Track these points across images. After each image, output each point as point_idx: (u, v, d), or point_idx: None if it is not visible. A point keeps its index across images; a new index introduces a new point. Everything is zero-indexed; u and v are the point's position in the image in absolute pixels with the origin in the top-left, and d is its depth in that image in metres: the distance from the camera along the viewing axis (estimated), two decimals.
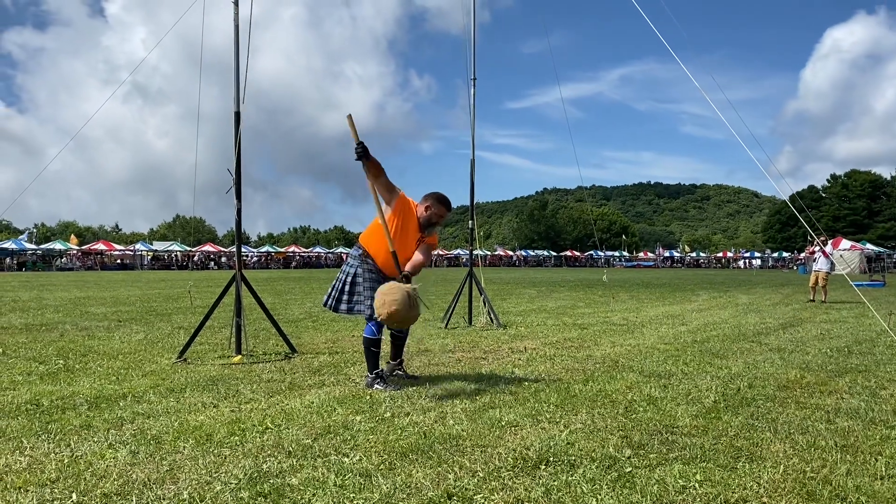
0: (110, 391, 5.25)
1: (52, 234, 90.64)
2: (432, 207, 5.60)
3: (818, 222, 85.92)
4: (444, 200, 5.65)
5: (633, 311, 13.36)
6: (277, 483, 3.19)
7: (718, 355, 7.32)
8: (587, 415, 4.51)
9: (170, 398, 5.02)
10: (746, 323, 11.08)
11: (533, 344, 8.19)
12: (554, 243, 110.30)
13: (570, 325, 10.47)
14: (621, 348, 7.84)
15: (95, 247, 66.78)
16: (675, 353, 7.48)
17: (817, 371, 6.35)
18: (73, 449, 3.71)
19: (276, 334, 7.66)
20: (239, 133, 7.08)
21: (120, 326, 10.09)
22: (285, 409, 4.65)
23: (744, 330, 9.95)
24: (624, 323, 10.95)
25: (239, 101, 7.13)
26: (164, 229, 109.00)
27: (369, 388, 5.36)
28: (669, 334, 9.32)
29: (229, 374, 6.06)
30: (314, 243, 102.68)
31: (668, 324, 10.87)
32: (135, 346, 7.84)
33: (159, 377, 5.87)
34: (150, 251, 70.97)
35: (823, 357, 7.27)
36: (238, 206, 7.14)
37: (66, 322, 10.70)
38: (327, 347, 7.81)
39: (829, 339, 8.94)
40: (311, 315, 12.06)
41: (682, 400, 5.00)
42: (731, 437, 3.99)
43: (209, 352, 7.40)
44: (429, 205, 5.60)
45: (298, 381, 5.70)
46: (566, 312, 13.02)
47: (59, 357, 7.01)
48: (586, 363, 6.72)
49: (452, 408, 4.70)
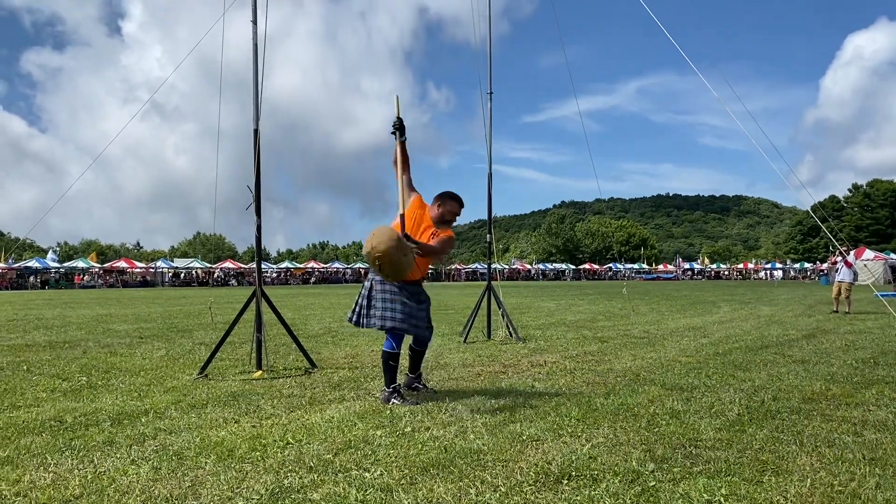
0: (132, 407, 5.29)
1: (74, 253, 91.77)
2: (445, 205, 5.64)
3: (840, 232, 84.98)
4: (455, 197, 5.72)
5: (654, 324, 13.25)
6: (299, 498, 3.19)
7: (741, 367, 7.23)
8: (609, 429, 4.47)
9: (191, 414, 5.04)
10: (769, 335, 10.95)
11: (553, 357, 8.14)
12: (572, 256, 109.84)
13: (591, 339, 10.40)
14: (643, 361, 7.77)
15: (117, 265, 67.52)
16: (697, 365, 7.40)
17: (843, 383, 6.25)
18: (96, 465, 3.74)
19: (297, 350, 7.68)
20: (258, 150, 7.14)
21: (142, 343, 10.17)
22: (306, 425, 4.65)
23: (766, 342, 9.83)
24: (645, 336, 10.87)
25: (258, 118, 7.20)
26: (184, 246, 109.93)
27: (386, 403, 5.36)
28: (691, 347, 9.23)
29: (250, 389, 6.08)
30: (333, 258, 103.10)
31: (690, 336, 10.77)
32: (156, 363, 7.90)
33: (181, 393, 5.91)
34: (171, 268, 71.62)
35: (849, 368, 7.16)
36: (258, 223, 7.19)
37: (89, 339, 10.80)
38: (347, 362, 7.82)
39: (854, 350, 8.81)
40: (330, 330, 12.09)
41: (705, 413, 4.95)
42: (756, 451, 3.93)
43: (230, 367, 7.44)
44: (440, 203, 5.66)
45: (319, 397, 5.71)
46: (586, 326, 12.95)
47: (81, 374, 7.07)
48: (607, 376, 6.66)
49: (473, 422, 4.68)
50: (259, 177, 7.16)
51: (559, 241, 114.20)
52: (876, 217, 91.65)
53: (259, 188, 7.17)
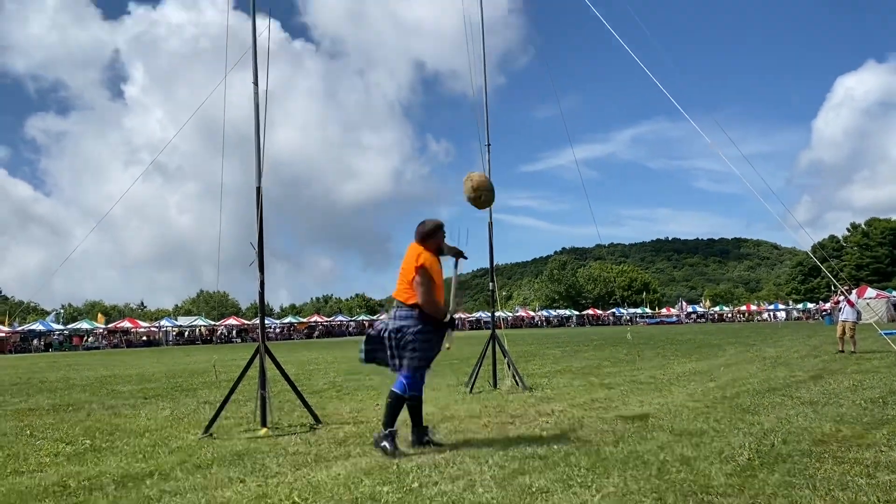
0: (137, 469, 5.24)
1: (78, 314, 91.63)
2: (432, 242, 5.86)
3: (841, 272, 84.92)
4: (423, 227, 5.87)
5: (660, 369, 13.17)
6: None
7: (749, 411, 7.17)
8: (619, 478, 4.42)
9: (197, 475, 5.00)
10: (776, 376, 10.88)
11: (560, 406, 8.08)
12: (575, 302, 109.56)
13: (597, 385, 10.33)
14: (650, 407, 7.71)
15: (121, 325, 67.40)
16: (705, 410, 7.34)
17: (853, 424, 6.19)
18: None
19: (301, 405, 7.63)
20: (261, 208, 7.22)
21: (146, 403, 10.10)
22: (312, 483, 4.61)
23: (773, 384, 9.76)
24: (651, 381, 10.79)
25: (260, 176, 7.30)
26: (188, 304, 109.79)
27: (376, 446, 5.46)
28: (698, 391, 9.17)
29: (255, 447, 6.03)
30: (336, 312, 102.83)
31: (697, 380, 10.70)
32: (161, 423, 7.84)
33: (186, 453, 5.86)
34: (175, 327, 71.44)
35: (858, 409, 7.10)
36: (261, 279, 7.23)
37: (93, 401, 10.74)
38: (352, 417, 7.76)
39: (862, 390, 8.75)
40: (334, 385, 12.01)
41: (715, 458, 4.90)
42: (768, 496, 3.89)
43: (235, 426, 7.38)
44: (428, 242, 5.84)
45: (324, 453, 5.66)
46: (592, 372, 12.87)
47: (85, 437, 7.02)
48: (615, 424, 6.61)
49: (481, 475, 4.63)
50: (262, 234, 7.23)
51: (562, 287, 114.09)
52: (876, 255, 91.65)
53: (262, 245, 7.23)
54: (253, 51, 7.53)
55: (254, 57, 7.52)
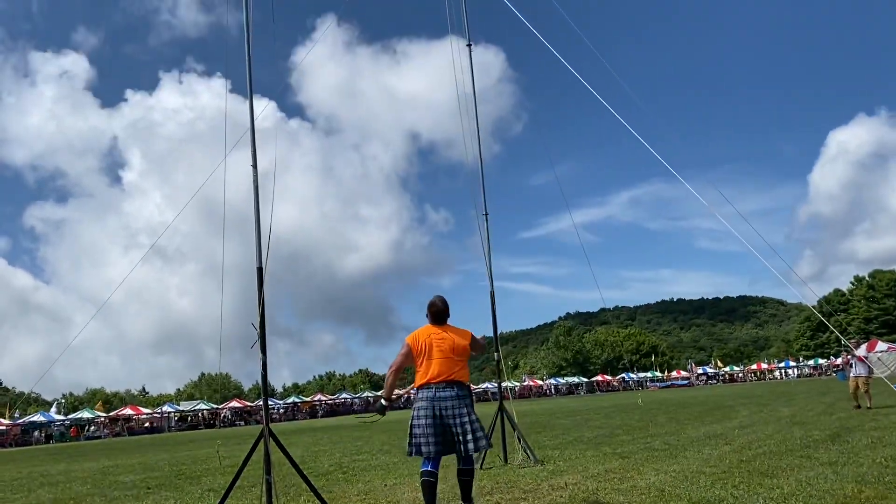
0: None
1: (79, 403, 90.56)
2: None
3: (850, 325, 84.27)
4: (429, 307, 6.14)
5: (674, 434, 12.91)
6: None
7: (768, 474, 6.99)
8: None
9: None
10: (792, 437, 10.65)
11: (574, 479, 7.88)
12: (583, 368, 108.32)
13: (610, 455, 10.10)
14: (666, 475, 7.52)
15: (123, 412, 66.50)
16: (722, 475, 7.15)
17: (874, 483, 6.02)
18: None
19: (307, 490, 7.44)
20: (262, 289, 7.22)
21: (149, 493, 9.86)
22: None
23: (791, 445, 9.55)
24: (666, 447, 10.56)
25: (261, 257, 7.32)
26: (190, 388, 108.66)
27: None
28: (714, 456, 8.95)
29: None
30: (340, 389, 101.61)
31: (712, 444, 10.47)
32: None
33: None
34: (177, 412, 70.46)
35: (879, 468, 6.92)
36: (263, 361, 7.16)
37: (95, 494, 10.49)
38: (359, 499, 7.57)
39: (881, 447, 8.54)
40: (341, 466, 11.75)
41: None
42: None
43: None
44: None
45: None
46: (604, 441, 12.60)
47: None
48: (631, 495, 6.42)
49: None
50: (263, 316, 7.20)
51: (568, 353, 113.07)
52: (884, 308, 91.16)
53: (264, 326, 7.19)
54: (251, 133, 7.67)
55: (252, 139, 7.65)
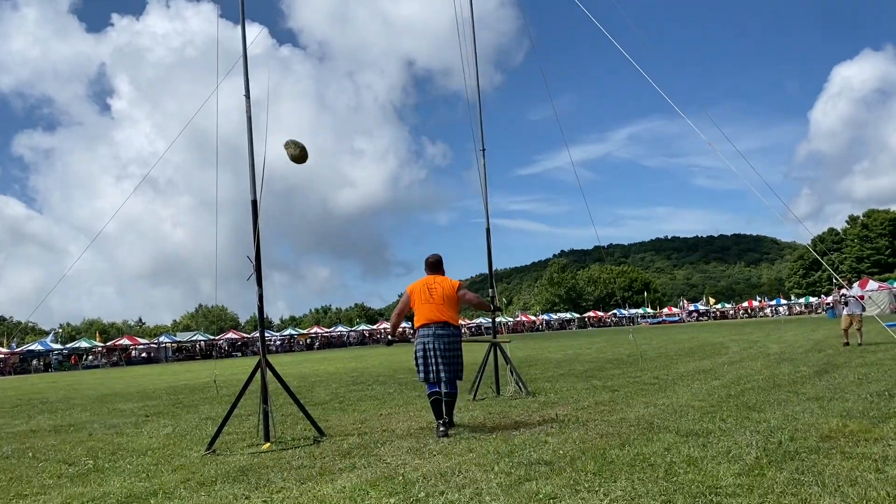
0: (141, 489, 5.20)
1: (77, 333, 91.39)
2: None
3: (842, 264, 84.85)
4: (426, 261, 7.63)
5: (664, 369, 13.12)
6: None
7: (755, 409, 7.13)
8: (627, 481, 4.38)
9: (200, 492, 4.95)
10: (780, 373, 10.84)
11: (564, 410, 8.04)
12: (576, 305, 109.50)
13: (601, 388, 10.29)
14: (655, 408, 7.67)
15: (120, 343, 67.23)
16: (710, 409, 7.30)
17: (859, 418, 6.15)
18: None
19: (304, 418, 7.59)
20: (257, 221, 7.19)
21: (148, 421, 10.05)
22: (317, 496, 4.57)
23: (778, 380, 9.72)
24: (655, 381, 10.75)
25: (255, 189, 7.27)
26: (186, 320, 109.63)
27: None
28: (703, 390, 9.13)
29: (259, 462, 5.99)
30: (336, 322, 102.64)
31: (701, 379, 10.66)
32: (163, 441, 7.80)
33: (189, 471, 5.81)
34: (174, 343, 71.25)
35: (864, 403, 7.06)
36: (259, 293, 7.19)
37: (94, 421, 10.69)
38: (356, 429, 7.72)
39: (867, 383, 8.71)
40: (337, 396, 11.96)
41: (722, 458, 4.86)
42: (777, 495, 3.85)
43: (238, 441, 7.34)
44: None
45: (329, 466, 5.61)
46: (595, 375, 12.82)
47: (88, 457, 6.97)
48: (621, 426, 6.56)
49: (488, 483, 4.59)
50: (259, 247, 7.19)
51: (562, 290, 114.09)
52: (876, 247, 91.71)
53: (259, 258, 7.20)
54: (244, 62, 7.51)
55: (245, 70, 7.49)
